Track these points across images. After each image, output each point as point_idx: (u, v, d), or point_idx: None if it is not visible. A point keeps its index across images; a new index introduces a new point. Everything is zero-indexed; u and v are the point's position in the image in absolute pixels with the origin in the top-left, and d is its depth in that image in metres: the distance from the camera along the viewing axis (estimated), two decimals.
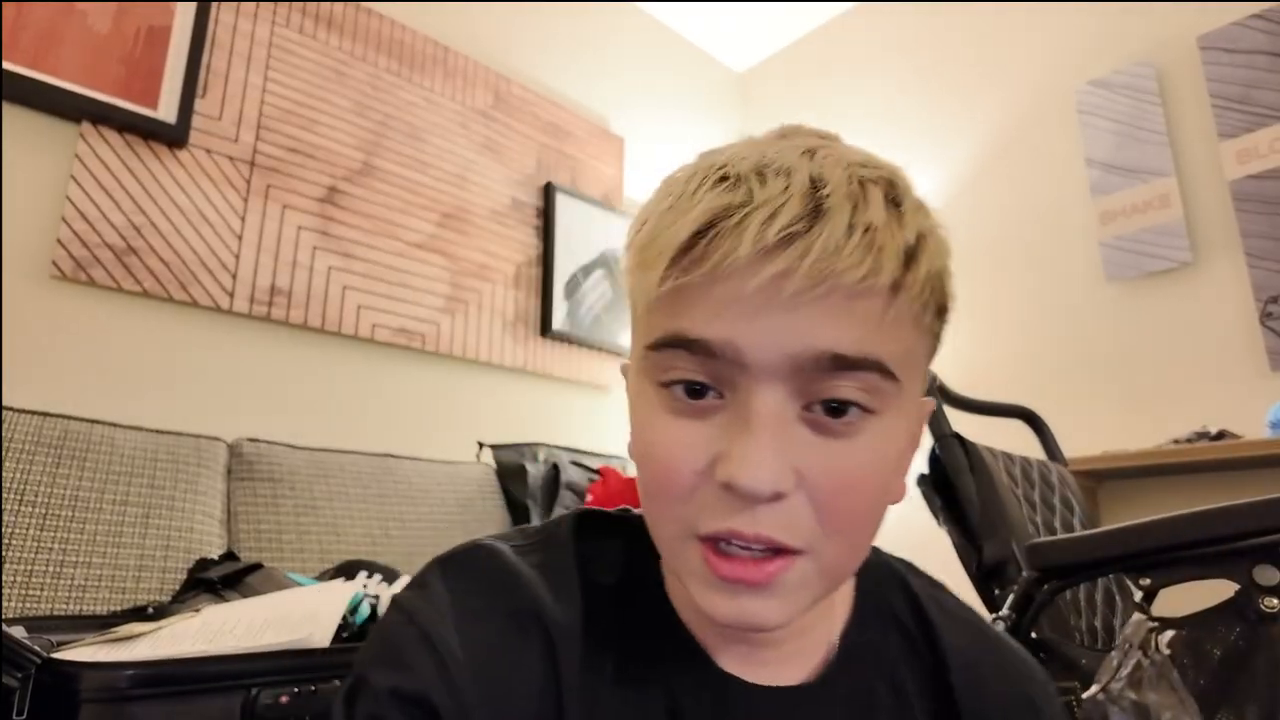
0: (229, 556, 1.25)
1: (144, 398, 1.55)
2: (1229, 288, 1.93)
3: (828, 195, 0.35)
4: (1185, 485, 1.92)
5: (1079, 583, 1.16)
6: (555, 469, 1.91)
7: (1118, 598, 1.21)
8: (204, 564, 1.20)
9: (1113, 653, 0.27)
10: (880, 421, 0.36)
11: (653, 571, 0.44)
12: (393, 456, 1.77)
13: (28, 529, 1.17)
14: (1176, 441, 1.81)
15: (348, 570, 1.17)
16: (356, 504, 1.60)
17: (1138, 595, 0.94)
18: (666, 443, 0.37)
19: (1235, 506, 0.84)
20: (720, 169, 0.37)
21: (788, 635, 0.42)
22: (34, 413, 1.29)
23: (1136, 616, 0.26)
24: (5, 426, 1.23)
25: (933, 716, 0.43)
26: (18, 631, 0.84)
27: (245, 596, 1.06)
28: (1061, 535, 1.14)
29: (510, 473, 1.90)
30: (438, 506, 1.74)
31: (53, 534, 1.19)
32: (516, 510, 1.84)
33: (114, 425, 1.37)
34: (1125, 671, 0.25)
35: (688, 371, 0.36)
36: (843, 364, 0.35)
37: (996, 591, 1.11)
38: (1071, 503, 1.29)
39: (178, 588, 1.20)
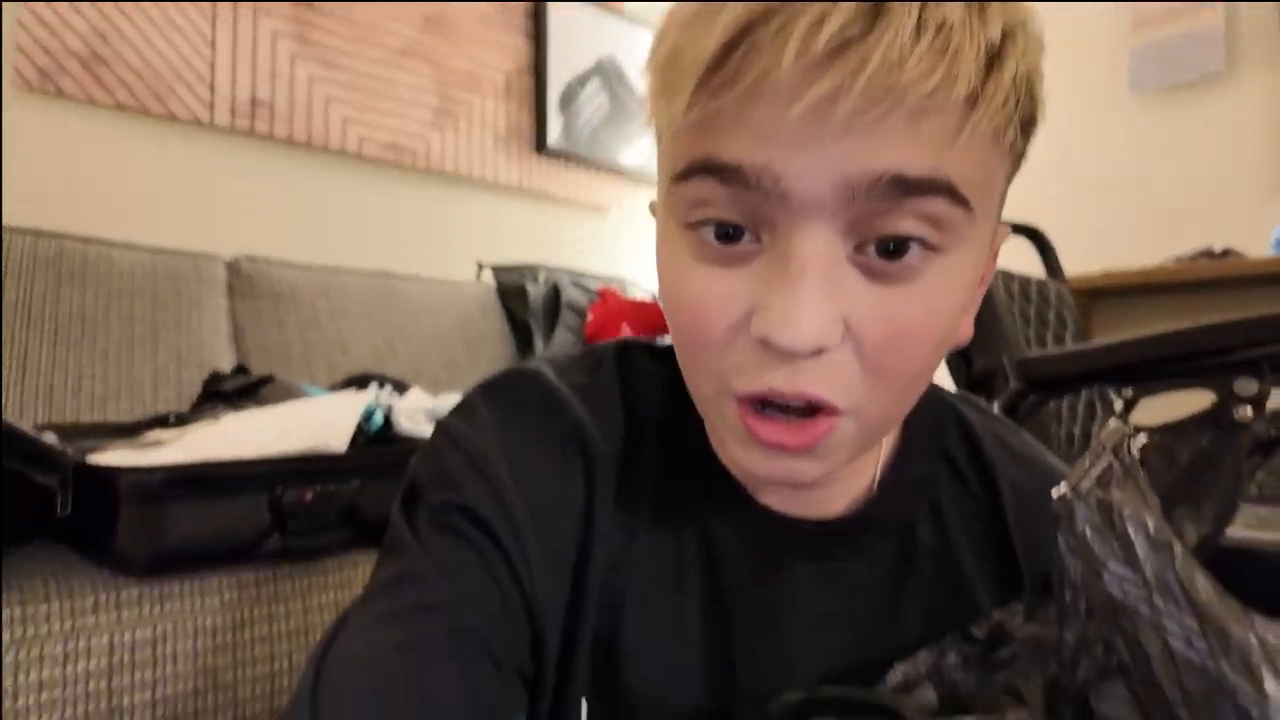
0: (240, 370, 1.29)
1: (131, 216, 1.52)
2: (1256, 103, 1.84)
3: None
4: (1183, 304, 1.94)
5: (1064, 395, 1.21)
6: (556, 289, 1.92)
7: (1098, 407, 1.27)
8: (217, 378, 1.23)
9: (1085, 455, 0.29)
10: (945, 260, 0.31)
11: (693, 408, 0.40)
12: (393, 276, 1.77)
13: (40, 345, 1.20)
14: (1179, 260, 1.81)
15: (359, 381, 1.21)
16: (360, 321, 1.63)
17: (1118, 405, 0.98)
18: (695, 295, 0.33)
19: (1221, 322, 0.86)
20: None
21: (829, 477, 0.39)
22: (27, 231, 1.27)
23: (1114, 422, 0.27)
24: (3, 245, 1.22)
25: (980, 556, 0.42)
26: (49, 437, 0.88)
27: (260, 407, 1.10)
28: (1052, 349, 1.17)
29: (511, 293, 1.91)
30: (440, 325, 1.76)
31: (66, 350, 1.22)
32: (519, 329, 1.87)
33: (109, 244, 1.36)
34: (1096, 472, 0.27)
35: (719, 209, 0.31)
36: (905, 189, 0.29)
37: (983, 401, 1.15)
38: (1065, 319, 1.32)
39: (194, 400, 1.25)
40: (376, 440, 1.05)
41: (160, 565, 0.78)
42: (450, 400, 1.26)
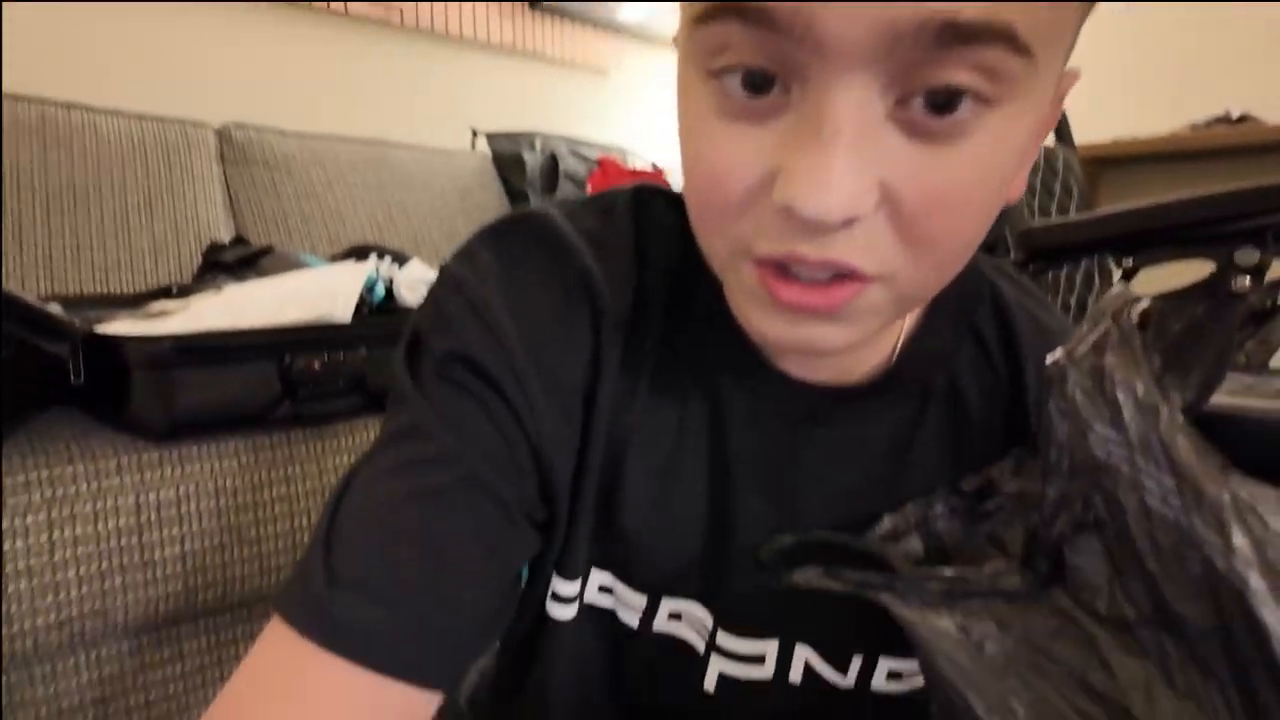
0: (238, 241, 1.28)
1: (112, 82, 1.46)
2: None
3: None
4: (1195, 172, 1.90)
5: (1064, 265, 1.20)
6: (553, 159, 1.86)
7: (1097, 277, 1.27)
8: (216, 248, 1.23)
9: (1084, 322, 0.29)
10: (999, 115, 0.27)
11: (697, 256, 0.37)
12: (387, 144, 1.71)
13: (35, 215, 1.18)
14: (1195, 126, 1.75)
15: (358, 252, 1.20)
16: (356, 190, 1.60)
17: (1118, 274, 0.98)
18: (714, 152, 0.29)
19: (1224, 191, 0.84)
20: None
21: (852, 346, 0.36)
22: (6, 96, 1.22)
23: (1114, 289, 0.27)
24: None
25: (994, 435, 0.40)
26: (54, 308, 0.89)
27: (262, 278, 1.10)
28: (1055, 219, 1.16)
29: (508, 162, 1.86)
30: (437, 195, 1.73)
31: (60, 219, 1.20)
32: (516, 200, 1.84)
33: (92, 110, 1.31)
34: (1093, 338, 0.27)
35: (744, 54, 0.27)
36: (958, 36, 0.25)
37: None
38: (1072, 189, 1.29)
39: (195, 271, 1.24)
40: (380, 312, 1.06)
41: (177, 430, 0.81)
42: None
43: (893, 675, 0.40)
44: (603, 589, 0.41)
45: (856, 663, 0.40)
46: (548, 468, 0.36)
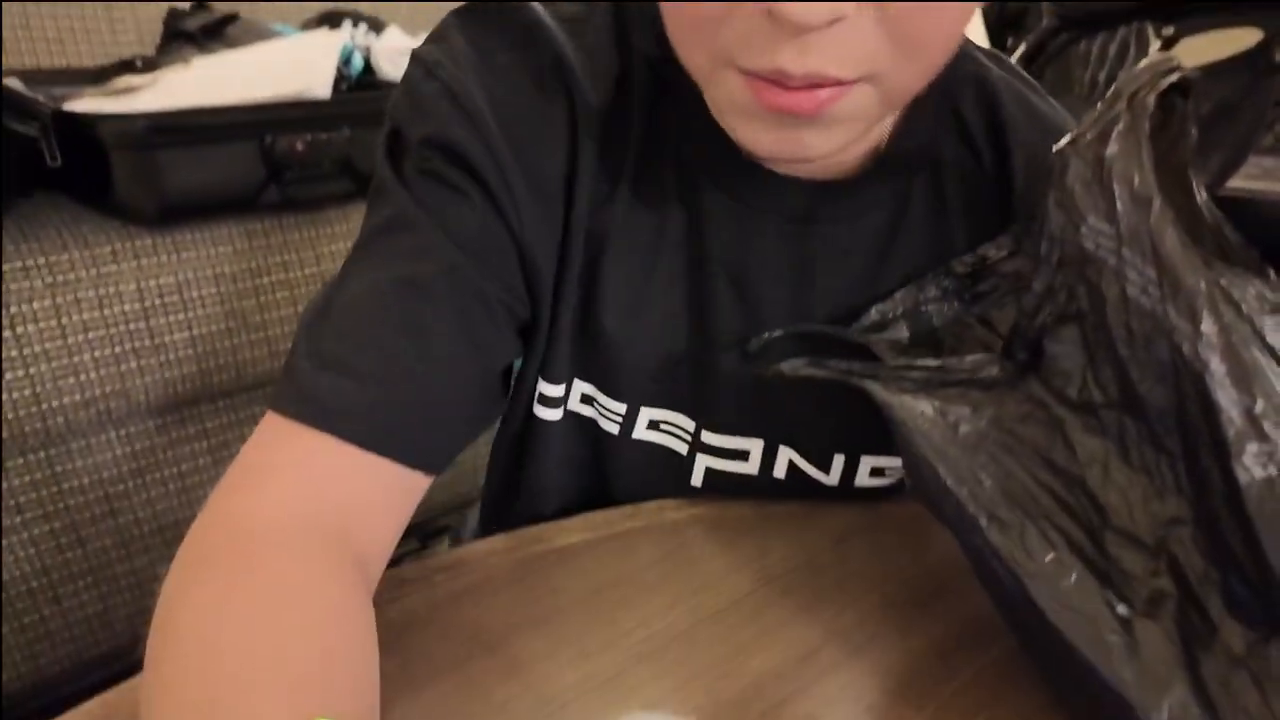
0: (200, 6, 1.17)
1: None
2: None
3: None
4: None
5: (1098, 32, 1.12)
6: None
7: (1132, 49, 1.18)
8: (177, 15, 1.13)
9: (1099, 104, 0.27)
10: None
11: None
12: None
13: None
14: None
15: (330, 20, 1.11)
16: None
17: (1155, 46, 0.91)
18: None
19: None
20: None
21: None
22: None
23: (1140, 64, 0.25)
24: None
25: (976, 225, 0.40)
26: (14, 83, 0.84)
27: (229, 49, 1.03)
28: None
29: None
30: None
31: None
32: None
33: None
34: (1101, 124, 0.26)
35: None
36: None
37: (1010, 41, 1.07)
38: None
39: (158, 42, 1.16)
40: (360, 87, 1.00)
41: (165, 215, 0.80)
42: None
43: (875, 471, 0.42)
44: (584, 398, 0.42)
45: (839, 462, 0.42)
46: (530, 264, 0.36)
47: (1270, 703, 0.23)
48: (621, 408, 0.41)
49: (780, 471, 0.43)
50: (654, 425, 0.42)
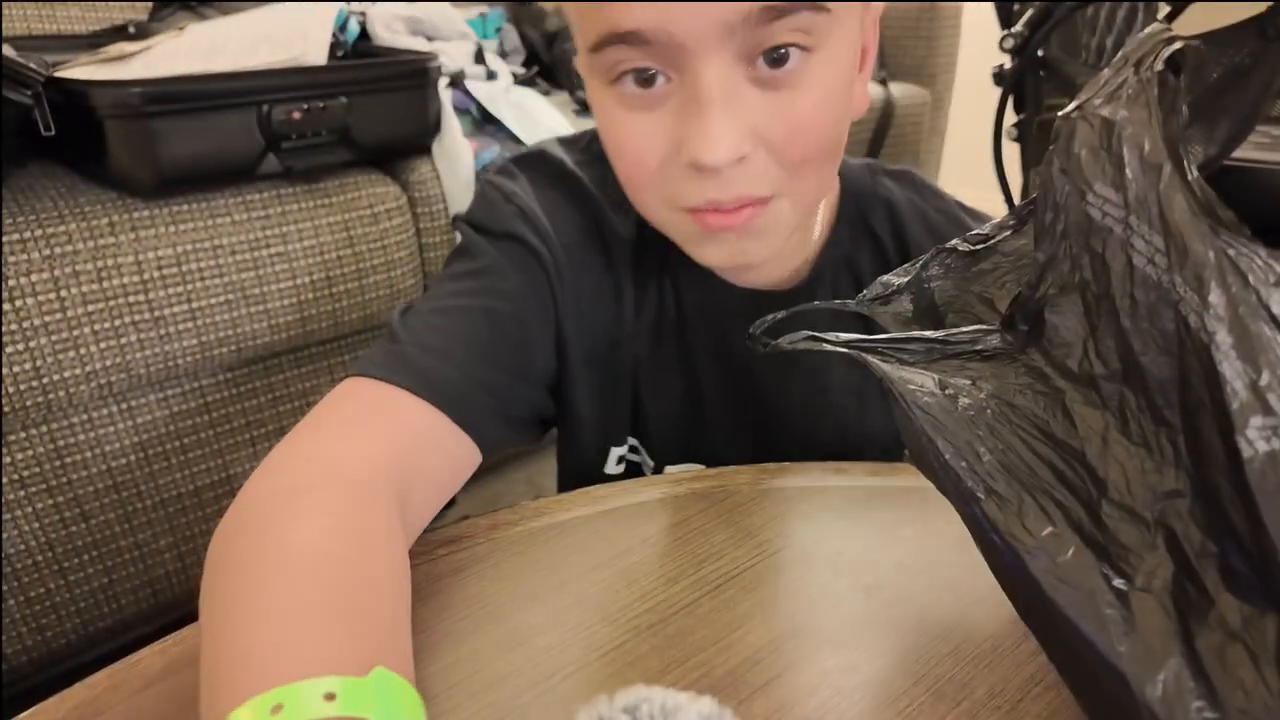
0: None
1: None
2: None
3: None
4: None
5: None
6: None
7: (1140, 15, 1.16)
8: None
9: (1106, 70, 0.27)
10: (821, 56, 0.37)
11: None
12: None
13: None
14: None
15: None
16: None
17: (1163, 12, 0.89)
18: (629, 137, 0.39)
19: None
20: None
21: (777, 255, 0.46)
22: None
23: (1145, 30, 0.25)
24: None
25: None
26: (8, 51, 0.83)
27: (224, 15, 1.01)
28: None
29: None
30: None
31: None
32: None
33: None
34: (1109, 89, 0.25)
35: (633, 60, 0.37)
36: (773, 14, 0.35)
37: (1016, 7, 1.05)
38: None
39: (150, 4, 1.14)
40: (356, 52, 0.99)
41: (162, 185, 0.79)
42: (429, 8, 1.14)
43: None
44: (632, 448, 0.53)
45: None
46: (562, 340, 0.47)
47: (1265, 676, 0.23)
48: (652, 463, 0.53)
49: None
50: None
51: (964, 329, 0.31)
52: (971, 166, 1.46)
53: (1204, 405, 0.25)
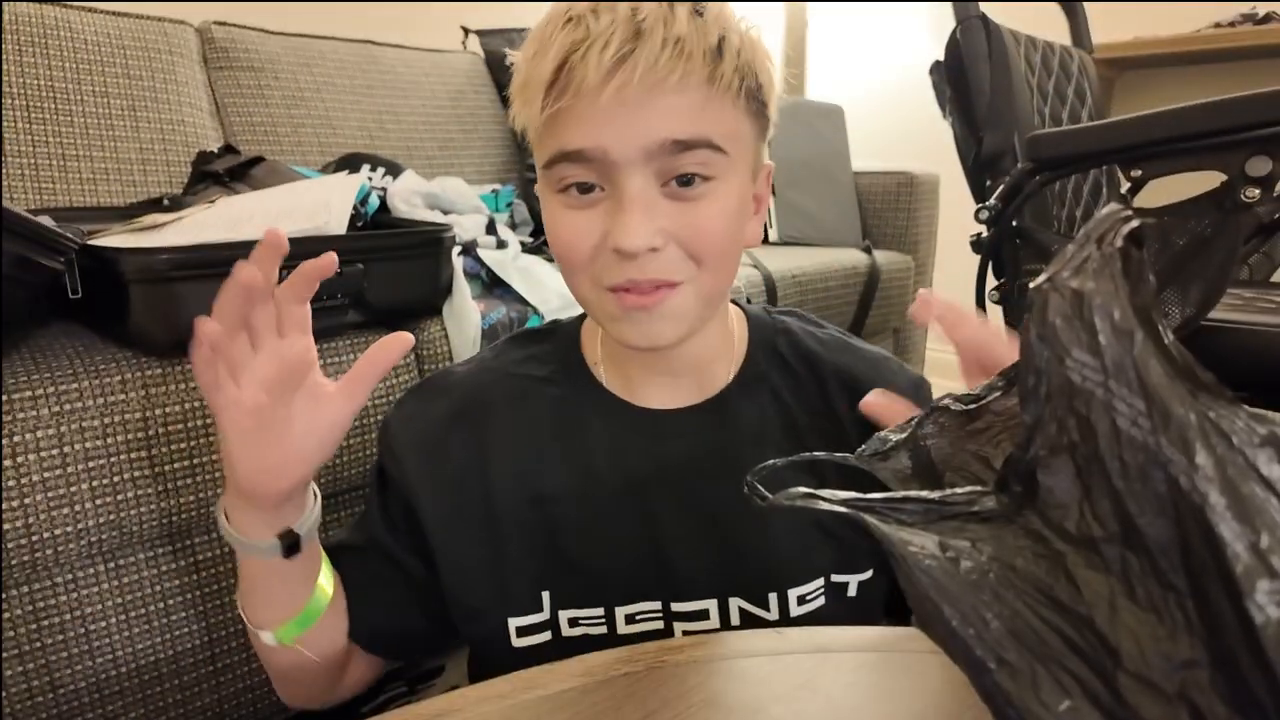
0: (228, 150, 1.25)
1: None
2: None
3: (644, 20, 0.45)
4: (1216, 76, 1.83)
5: (1071, 174, 1.18)
6: None
7: (1105, 190, 1.24)
8: (205, 157, 1.20)
9: (1070, 244, 0.29)
10: (720, 185, 0.49)
11: (577, 357, 0.60)
12: (374, 43, 1.65)
13: (16, 121, 1.15)
14: (1219, 25, 1.68)
15: (350, 163, 1.18)
16: (345, 95, 1.55)
17: (1125, 186, 0.96)
18: (569, 229, 0.50)
19: (1236, 98, 0.82)
20: (566, 12, 0.48)
21: (690, 368, 0.58)
22: None
23: (1104, 210, 0.27)
24: None
25: (818, 419, 0.58)
26: (46, 221, 0.88)
27: (253, 189, 1.08)
28: (1065, 127, 1.13)
29: (501, 64, 1.79)
30: (429, 99, 1.68)
31: (43, 127, 1.17)
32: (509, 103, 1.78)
33: (64, 4, 1.25)
34: (1075, 263, 0.27)
35: (576, 175, 0.48)
36: (681, 146, 0.47)
37: (988, 183, 1.13)
38: (1085, 94, 1.25)
39: (185, 180, 1.22)
40: (375, 224, 1.05)
41: (178, 345, 0.81)
42: (446, 184, 1.23)
43: (801, 600, 0.56)
44: (571, 621, 0.56)
45: (773, 599, 0.56)
46: (432, 540, 0.58)
47: None
48: (599, 611, 0.56)
49: (735, 619, 0.56)
50: (630, 619, 0.56)
51: (960, 490, 0.31)
52: None
53: (1208, 568, 0.25)
